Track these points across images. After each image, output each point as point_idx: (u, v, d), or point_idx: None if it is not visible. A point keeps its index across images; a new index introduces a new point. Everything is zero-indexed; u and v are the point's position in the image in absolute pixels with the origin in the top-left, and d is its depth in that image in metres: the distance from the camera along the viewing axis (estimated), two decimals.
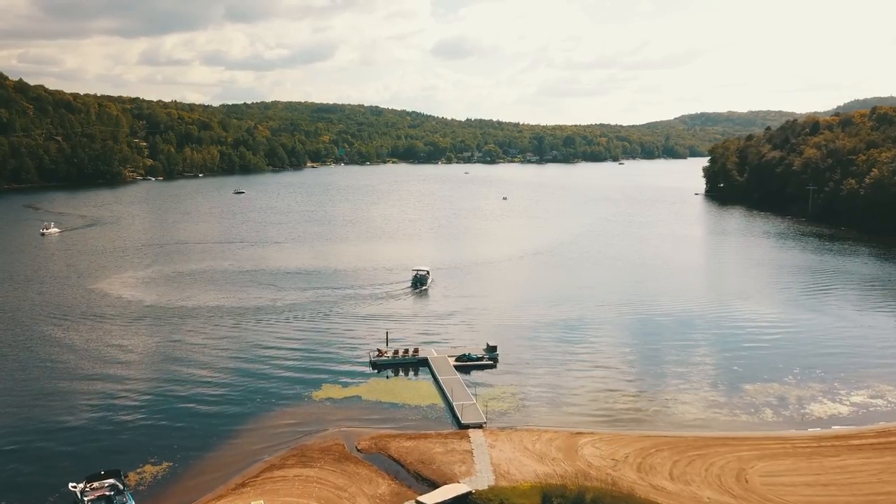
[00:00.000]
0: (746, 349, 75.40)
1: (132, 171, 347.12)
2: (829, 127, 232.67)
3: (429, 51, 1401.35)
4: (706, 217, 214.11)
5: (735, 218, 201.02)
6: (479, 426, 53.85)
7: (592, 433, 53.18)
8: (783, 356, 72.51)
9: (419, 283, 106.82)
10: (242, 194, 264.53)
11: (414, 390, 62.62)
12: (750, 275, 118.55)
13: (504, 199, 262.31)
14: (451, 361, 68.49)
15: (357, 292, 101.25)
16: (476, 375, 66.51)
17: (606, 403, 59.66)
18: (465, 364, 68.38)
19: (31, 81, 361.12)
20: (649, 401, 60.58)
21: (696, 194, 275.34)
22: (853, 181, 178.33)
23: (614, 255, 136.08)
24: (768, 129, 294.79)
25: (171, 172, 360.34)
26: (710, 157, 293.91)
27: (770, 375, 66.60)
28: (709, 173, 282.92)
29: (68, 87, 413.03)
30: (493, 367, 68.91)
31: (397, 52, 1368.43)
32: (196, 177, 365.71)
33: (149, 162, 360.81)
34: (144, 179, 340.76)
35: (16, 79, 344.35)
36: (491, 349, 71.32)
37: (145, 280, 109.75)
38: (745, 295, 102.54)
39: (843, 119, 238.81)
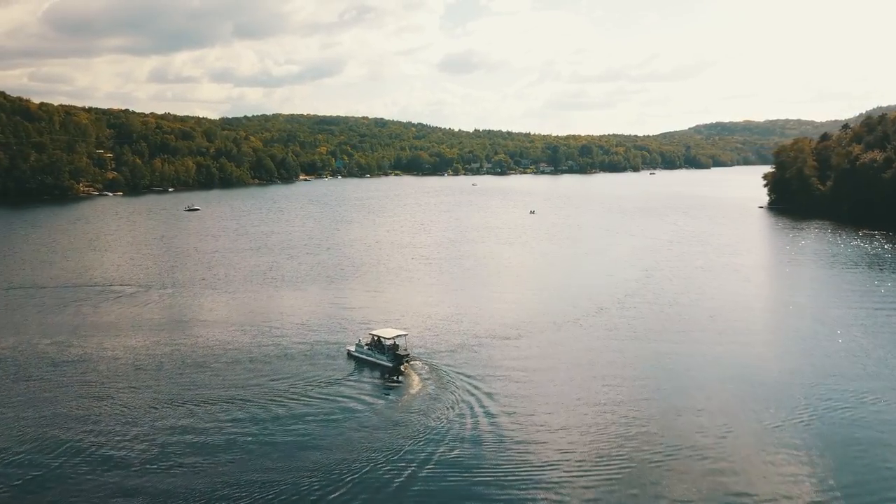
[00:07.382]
0: None
1: (89, 185, 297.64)
2: None
3: (436, 65, 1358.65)
4: (800, 238, 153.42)
5: (842, 239, 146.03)
6: None
7: None
8: None
9: (397, 360, 57.78)
10: (196, 212, 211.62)
11: None
12: None
13: (532, 212, 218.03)
14: None
15: (241, 427, 47.46)
16: None
17: None
18: None
19: (43, 100, 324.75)
20: None
21: (760, 207, 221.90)
22: None
23: (719, 313, 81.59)
24: (845, 126, 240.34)
25: (136, 186, 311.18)
26: (776, 162, 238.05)
27: None
28: (775, 181, 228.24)
29: (79, 105, 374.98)
30: None
31: (405, 67, 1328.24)
32: (166, 191, 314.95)
33: (111, 175, 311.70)
34: (102, 195, 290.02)
35: None
36: None
37: None
38: None
39: None
